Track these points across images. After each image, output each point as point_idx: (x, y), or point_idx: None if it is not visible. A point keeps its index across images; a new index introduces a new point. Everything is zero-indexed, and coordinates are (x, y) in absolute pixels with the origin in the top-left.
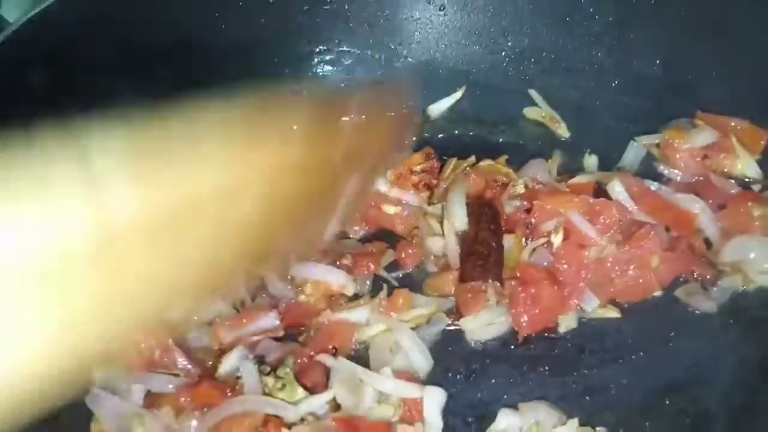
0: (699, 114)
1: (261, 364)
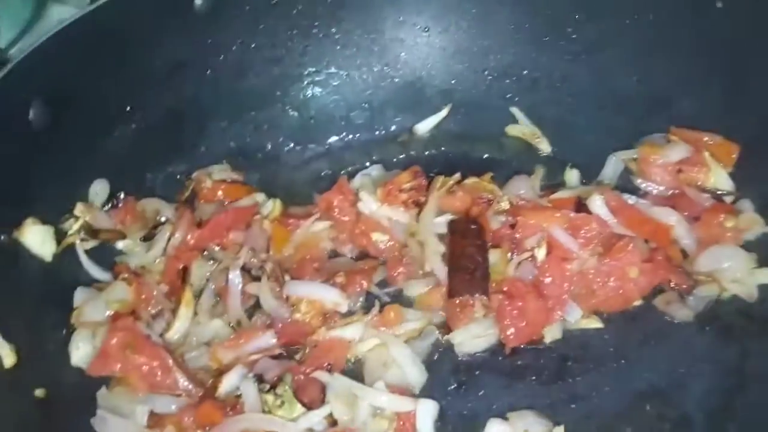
0: (673, 129)
1: (260, 382)
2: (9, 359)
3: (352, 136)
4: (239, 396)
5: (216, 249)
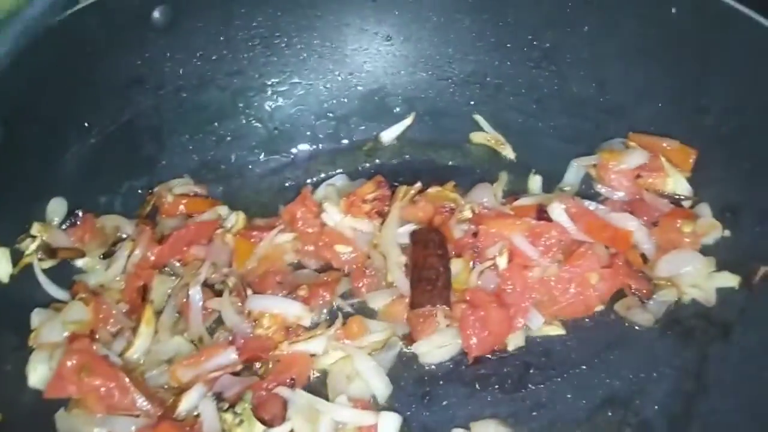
0: (631, 135)
1: (219, 400)
2: None
3: (317, 146)
4: (198, 415)
5: (177, 265)
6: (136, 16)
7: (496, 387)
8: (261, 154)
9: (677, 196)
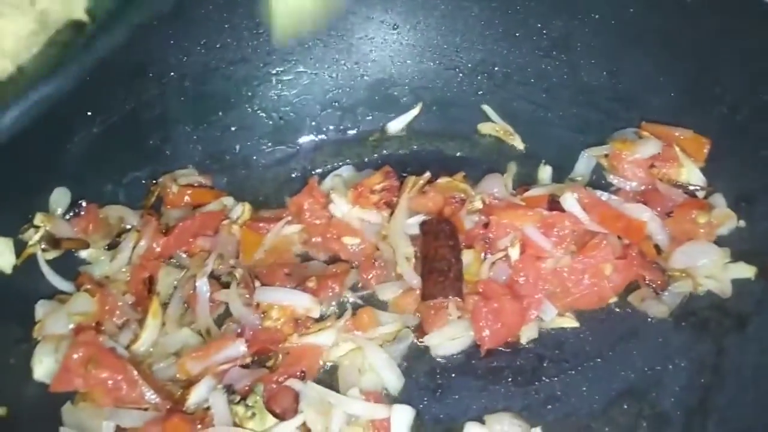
0: (644, 124)
1: (230, 393)
2: None
3: (323, 137)
4: (209, 408)
5: (183, 256)
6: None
7: (509, 380)
8: (266, 144)
9: (691, 187)
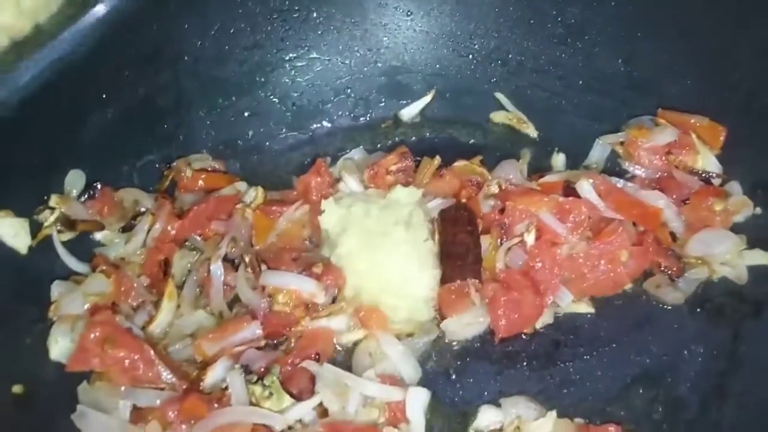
0: (660, 112)
1: (247, 373)
2: None
3: (336, 123)
4: (225, 388)
5: (197, 239)
6: None
7: (525, 364)
8: (279, 130)
9: (707, 174)
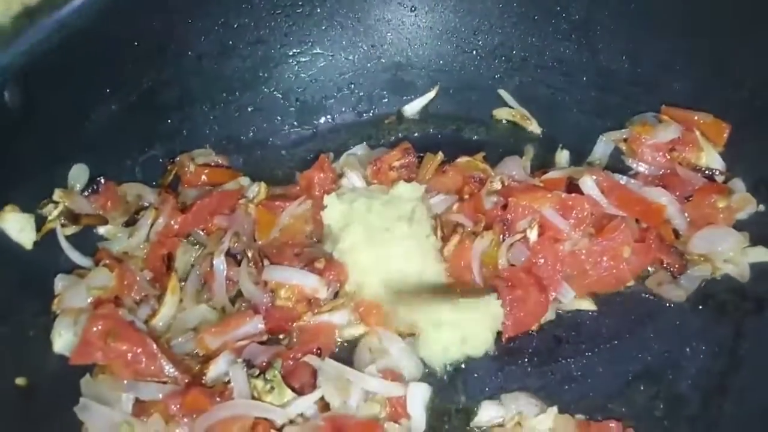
0: (664, 108)
1: (249, 367)
2: None
3: (339, 119)
4: (227, 382)
5: (200, 234)
6: None
7: (527, 360)
8: (282, 125)
9: (710, 171)
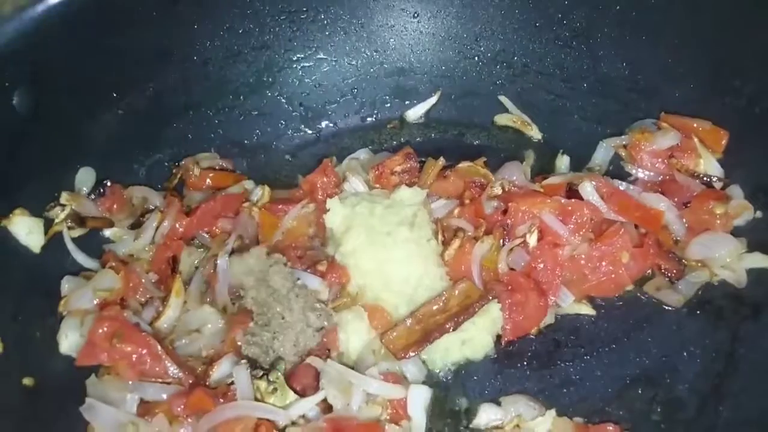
0: (663, 115)
1: (253, 368)
2: None
3: (342, 123)
4: (231, 383)
5: (205, 236)
6: None
7: (525, 363)
8: (286, 130)
9: (708, 178)
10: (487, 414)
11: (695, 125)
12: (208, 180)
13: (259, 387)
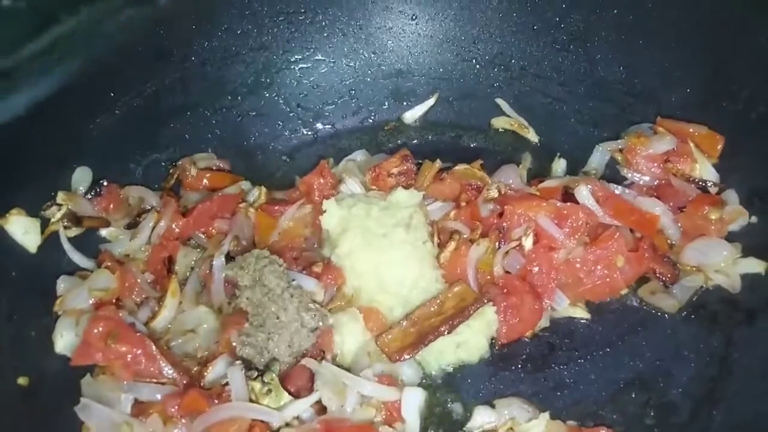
0: (659, 120)
1: (248, 369)
2: None
3: (339, 125)
4: (225, 384)
5: (201, 237)
6: None
7: (520, 366)
8: (284, 131)
9: (704, 182)
10: (481, 416)
11: (691, 130)
12: (205, 180)
13: (254, 388)
